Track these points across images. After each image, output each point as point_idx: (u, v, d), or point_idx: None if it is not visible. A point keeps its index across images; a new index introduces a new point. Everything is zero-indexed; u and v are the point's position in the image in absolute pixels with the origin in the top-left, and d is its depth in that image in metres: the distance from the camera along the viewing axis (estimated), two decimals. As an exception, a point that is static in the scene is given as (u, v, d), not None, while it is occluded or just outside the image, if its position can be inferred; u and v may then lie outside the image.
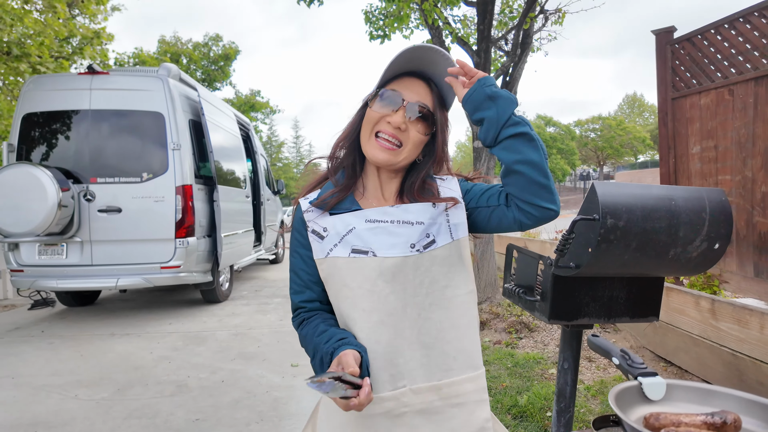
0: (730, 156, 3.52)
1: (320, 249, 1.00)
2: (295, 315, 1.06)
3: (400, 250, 0.97)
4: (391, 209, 1.01)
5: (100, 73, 5.10)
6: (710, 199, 1.79)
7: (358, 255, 0.97)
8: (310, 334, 0.99)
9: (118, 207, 4.91)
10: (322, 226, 1.01)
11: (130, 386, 3.30)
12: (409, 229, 0.99)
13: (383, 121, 0.98)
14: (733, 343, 2.64)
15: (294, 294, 1.06)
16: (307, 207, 1.05)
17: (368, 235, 0.98)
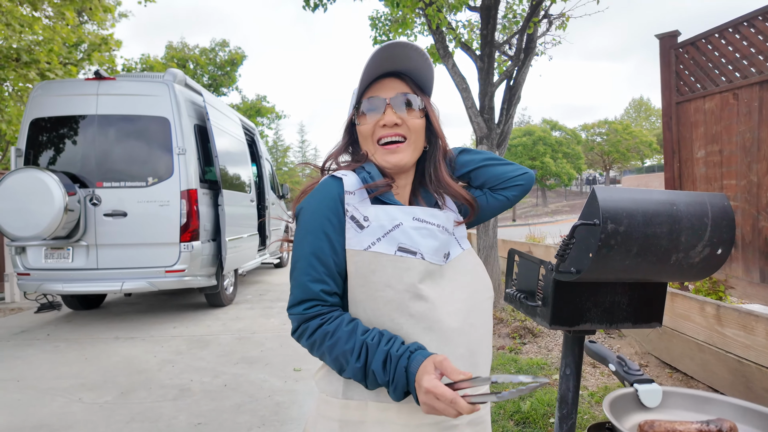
0: (735, 160, 3.49)
1: (358, 240, 0.90)
2: (308, 306, 0.89)
3: (439, 257, 0.94)
4: (438, 213, 0.97)
5: (107, 78, 5.15)
6: (712, 204, 1.78)
7: (406, 255, 0.89)
8: (346, 330, 0.87)
9: (124, 211, 4.94)
10: (363, 215, 0.91)
11: (134, 390, 3.32)
12: (446, 236, 0.96)
13: (377, 127, 0.96)
14: (739, 350, 2.61)
15: (312, 281, 0.89)
16: (350, 187, 0.93)
17: (416, 235, 0.91)
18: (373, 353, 0.84)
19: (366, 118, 0.97)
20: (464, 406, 0.73)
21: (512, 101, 5.16)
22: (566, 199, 39.08)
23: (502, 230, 19.44)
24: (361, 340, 0.85)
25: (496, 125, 5.06)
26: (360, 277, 0.89)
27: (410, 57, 0.95)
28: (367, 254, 0.89)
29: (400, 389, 0.82)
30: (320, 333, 0.88)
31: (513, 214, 28.44)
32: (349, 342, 0.85)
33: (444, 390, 0.74)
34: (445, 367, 0.77)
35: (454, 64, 4.97)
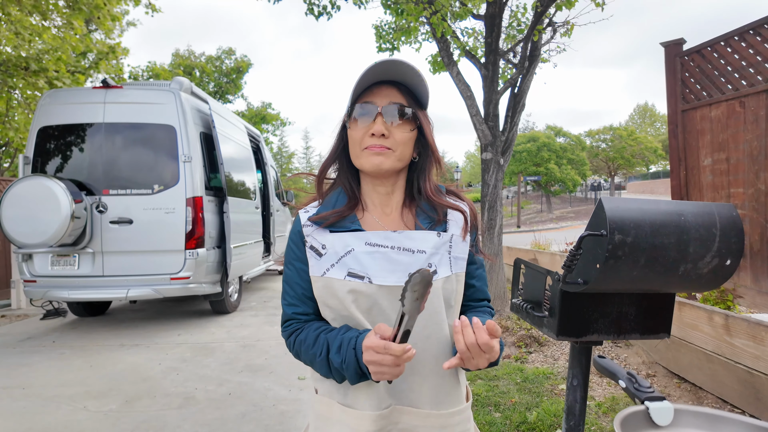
0: (742, 168, 3.47)
1: (317, 267, 0.98)
2: (287, 325, 1.03)
3: (398, 279, 0.94)
4: (393, 234, 0.97)
5: (114, 87, 5.20)
6: (720, 214, 1.77)
7: (354, 279, 0.94)
8: (314, 334, 0.97)
9: (130, 218, 4.97)
10: (321, 243, 0.99)
11: (138, 398, 3.31)
12: (410, 257, 0.96)
13: (366, 136, 0.97)
14: (749, 361, 2.58)
15: (287, 305, 1.03)
16: (306, 221, 1.02)
17: (366, 259, 0.95)
18: (331, 344, 0.93)
19: (357, 124, 0.98)
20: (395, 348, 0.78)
21: (517, 109, 5.16)
22: (571, 206, 38.93)
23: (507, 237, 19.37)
24: (323, 338, 0.95)
25: (501, 132, 5.06)
26: (322, 302, 0.99)
27: (405, 73, 0.97)
28: (323, 280, 0.97)
29: (352, 368, 0.89)
30: (297, 343, 1.00)
31: (518, 221, 28.36)
32: (316, 343, 0.95)
33: (376, 341, 0.81)
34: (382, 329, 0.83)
35: (458, 72, 4.99)
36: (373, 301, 0.94)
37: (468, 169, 65.50)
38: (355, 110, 0.98)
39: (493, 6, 4.85)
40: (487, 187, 5.03)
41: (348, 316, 0.95)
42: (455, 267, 0.99)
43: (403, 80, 0.99)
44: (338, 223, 1.00)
